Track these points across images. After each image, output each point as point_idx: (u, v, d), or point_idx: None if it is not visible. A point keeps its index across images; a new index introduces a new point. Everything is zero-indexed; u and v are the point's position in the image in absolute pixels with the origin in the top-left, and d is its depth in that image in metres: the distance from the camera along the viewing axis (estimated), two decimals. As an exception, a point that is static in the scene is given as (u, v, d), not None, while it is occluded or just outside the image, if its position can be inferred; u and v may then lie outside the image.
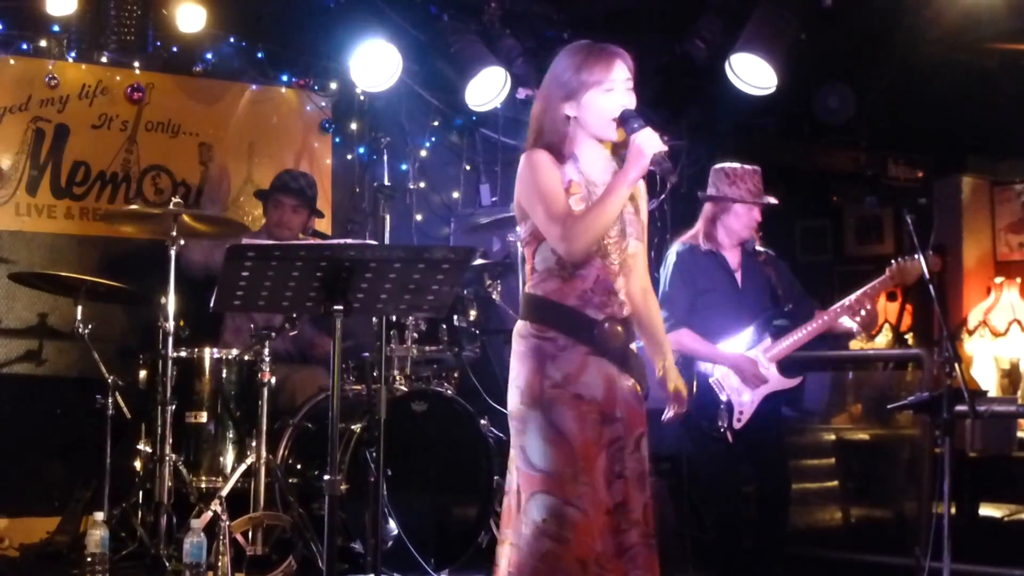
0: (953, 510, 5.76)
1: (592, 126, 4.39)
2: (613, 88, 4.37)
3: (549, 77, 4.49)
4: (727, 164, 6.35)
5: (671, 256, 6.35)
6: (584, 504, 4.21)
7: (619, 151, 4.46)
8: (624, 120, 4.33)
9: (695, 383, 6.20)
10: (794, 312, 6.32)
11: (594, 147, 4.44)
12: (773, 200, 6.34)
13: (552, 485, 4.23)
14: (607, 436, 4.30)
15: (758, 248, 6.42)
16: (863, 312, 6.16)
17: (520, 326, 4.41)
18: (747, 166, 6.33)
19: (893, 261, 6.17)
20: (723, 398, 6.14)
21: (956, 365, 5.63)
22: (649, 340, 4.65)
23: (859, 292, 6.20)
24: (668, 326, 6.20)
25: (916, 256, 6.08)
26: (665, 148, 4.24)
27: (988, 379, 9.65)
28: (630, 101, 4.39)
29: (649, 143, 4.21)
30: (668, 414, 4.65)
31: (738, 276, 6.35)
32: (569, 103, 4.39)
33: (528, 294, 4.42)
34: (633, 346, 4.46)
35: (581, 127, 4.41)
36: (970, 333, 9.81)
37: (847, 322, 6.24)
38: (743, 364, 6.16)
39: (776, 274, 6.41)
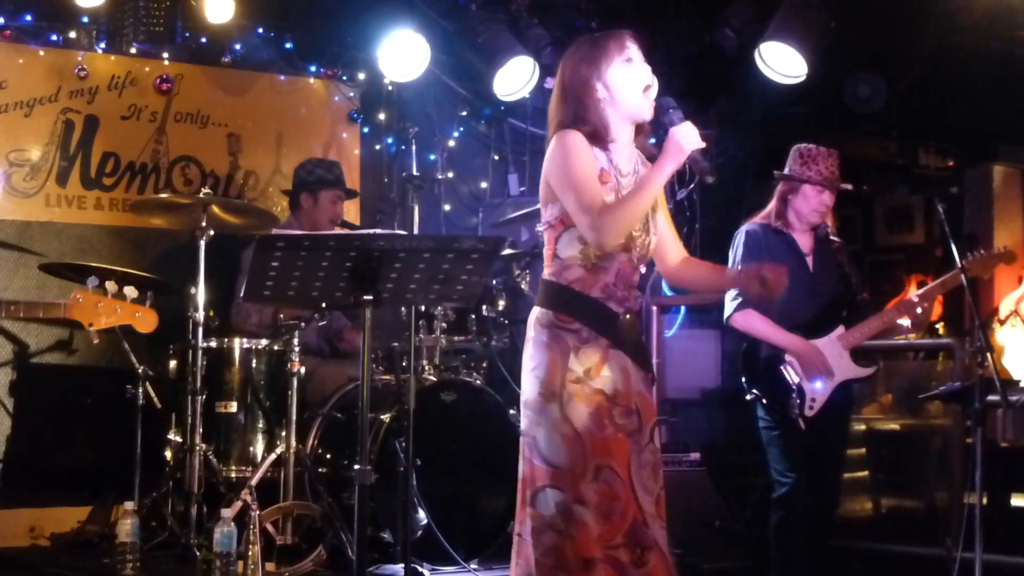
0: (984, 500, 5.73)
1: (624, 103, 4.31)
2: (632, 59, 4.31)
3: (572, 65, 4.38)
4: (805, 144, 6.20)
5: (740, 236, 6.21)
6: (591, 503, 4.17)
7: (638, 136, 4.42)
8: (662, 110, 4.27)
9: (763, 365, 6.08)
10: (865, 302, 6.21)
11: (625, 133, 4.36)
12: (847, 186, 6.23)
13: (562, 480, 4.21)
14: (628, 428, 4.26)
15: (832, 237, 6.29)
16: (923, 307, 6.05)
17: (540, 313, 4.34)
18: (824, 148, 6.18)
19: (969, 253, 6.07)
20: (794, 382, 5.98)
21: (988, 354, 5.60)
22: (708, 277, 4.75)
23: (932, 284, 6.12)
24: (736, 305, 6.12)
25: (982, 251, 6.03)
26: (704, 145, 4.17)
27: (1020, 369, 9.58)
28: (651, 76, 4.32)
29: (689, 139, 4.13)
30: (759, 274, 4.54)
31: (810, 261, 6.17)
32: (598, 84, 4.31)
33: (550, 281, 4.34)
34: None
35: (613, 108, 4.32)
36: (1001, 322, 9.74)
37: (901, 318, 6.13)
38: (808, 353, 5.97)
39: (848, 262, 6.28)
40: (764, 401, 6.05)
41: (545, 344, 4.29)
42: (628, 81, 4.31)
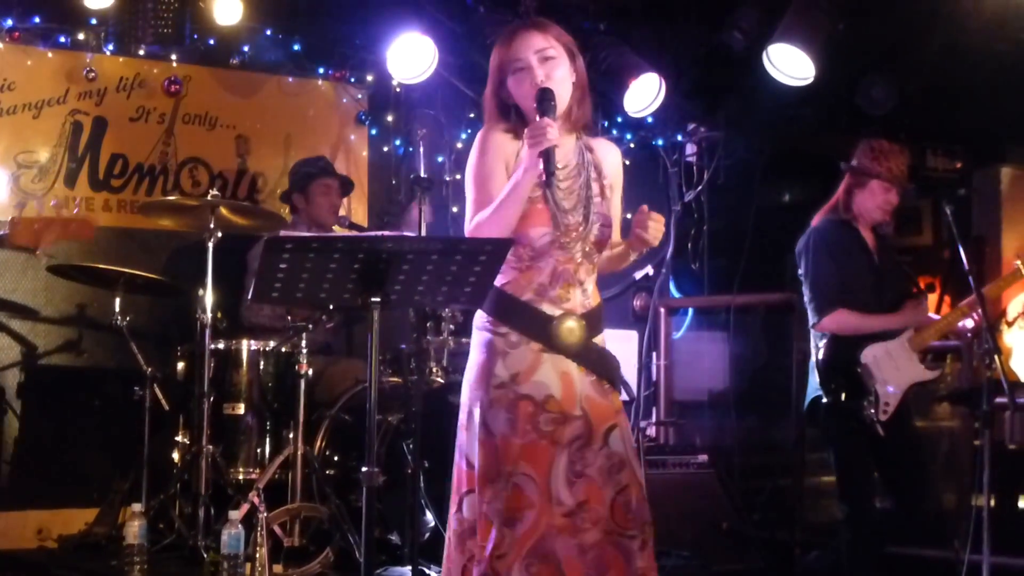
0: (992, 503, 5.72)
1: (525, 109, 4.27)
2: (523, 65, 4.26)
3: (494, 59, 4.38)
4: (877, 139, 6.10)
5: (812, 233, 6.07)
6: (492, 512, 4.12)
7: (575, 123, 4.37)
8: (537, 102, 4.17)
9: (841, 371, 5.94)
10: (926, 301, 6.13)
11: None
12: (912, 186, 6.14)
13: (478, 485, 4.18)
14: (566, 435, 4.19)
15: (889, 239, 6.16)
16: (978, 311, 5.98)
17: (477, 316, 4.37)
18: (896, 145, 6.08)
19: (1018, 261, 6.04)
20: (872, 387, 5.87)
21: (995, 356, 5.58)
22: (609, 256, 4.44)
23: (993, 283, 6.06)
24: (816, 308, 5.90)
25: None
26: (554, 144, 4.04)
27: (1028, 371, 9.58)
28: (546, 72, 4.24)
29: (536, 139, 4.03)
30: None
31: (876, 258, 6.08)
32: (502, 89, 4.32)
33: None
34: (600, 339, 4.33)
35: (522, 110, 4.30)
36: (1009, 324, 9.73)
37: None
38: (911, 316, 5.91)
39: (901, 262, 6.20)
40: (841, 408, 5.93)
41: (476, 347, 4.33)
42: (520, 91, 4.27)
